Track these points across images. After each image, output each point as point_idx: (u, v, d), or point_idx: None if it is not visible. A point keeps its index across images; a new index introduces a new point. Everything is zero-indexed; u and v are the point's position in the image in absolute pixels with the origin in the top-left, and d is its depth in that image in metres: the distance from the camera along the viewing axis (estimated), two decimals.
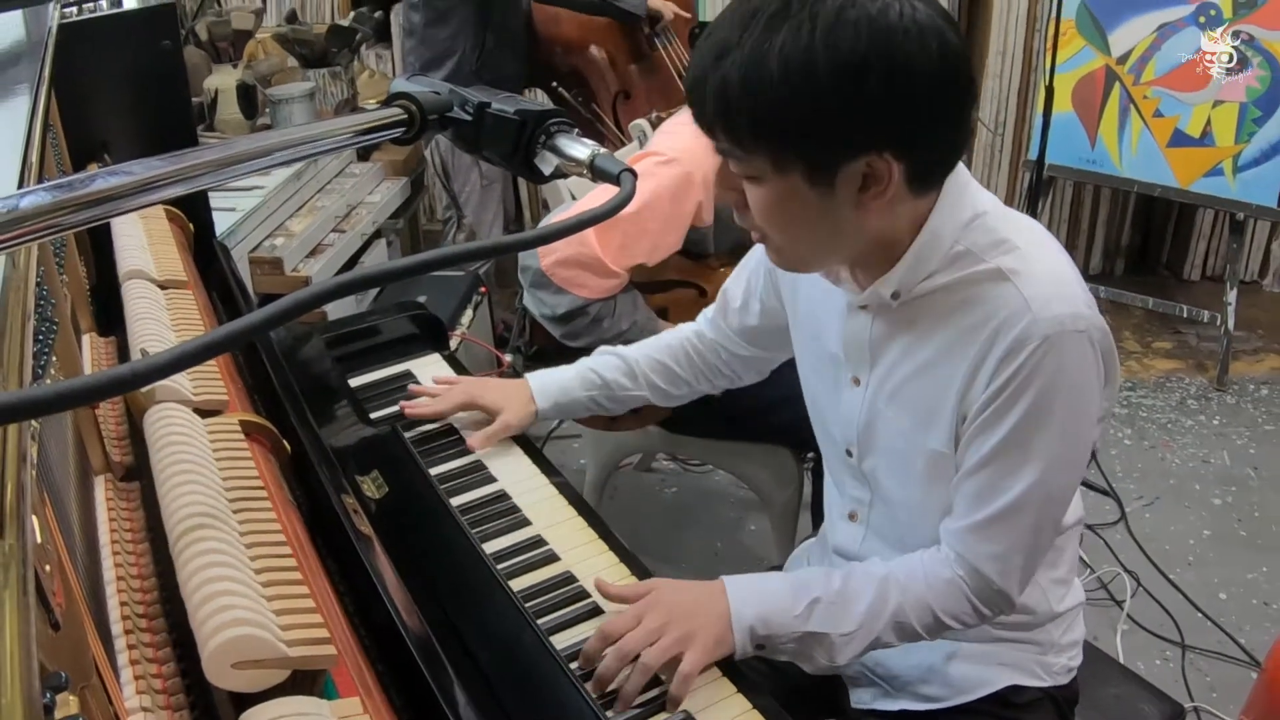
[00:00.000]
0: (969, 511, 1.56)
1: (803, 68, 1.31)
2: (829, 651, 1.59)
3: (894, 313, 1.57)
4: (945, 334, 1.52)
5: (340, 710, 0.93)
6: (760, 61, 1.32)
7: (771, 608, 1.58)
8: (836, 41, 1.30)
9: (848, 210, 1.43)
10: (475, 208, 4.50)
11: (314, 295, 0.84)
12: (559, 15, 4.28)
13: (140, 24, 2.16)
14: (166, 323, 1.49)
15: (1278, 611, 3.36)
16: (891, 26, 1.31)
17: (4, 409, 0.67)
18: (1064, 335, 1.43)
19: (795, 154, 1.39)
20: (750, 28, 1.34)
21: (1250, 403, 4.59)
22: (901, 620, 1.59)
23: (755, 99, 1.34)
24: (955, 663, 1.78)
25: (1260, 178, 4.45)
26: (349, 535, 1.32)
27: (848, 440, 1.74)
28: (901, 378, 1.60)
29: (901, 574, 1.61)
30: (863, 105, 1.34)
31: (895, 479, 1.69)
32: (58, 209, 0.79)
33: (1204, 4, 4.42)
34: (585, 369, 2.07)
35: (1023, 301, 1.44)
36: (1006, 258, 1.48)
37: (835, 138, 1.37)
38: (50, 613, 0.77)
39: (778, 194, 1.44)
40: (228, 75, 4.51)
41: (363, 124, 1.14)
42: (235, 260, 2.40)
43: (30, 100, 1.43)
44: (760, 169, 1.42)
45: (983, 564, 1.55)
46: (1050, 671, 1.80)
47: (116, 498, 1.23)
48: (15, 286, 0.94)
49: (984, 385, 1.48)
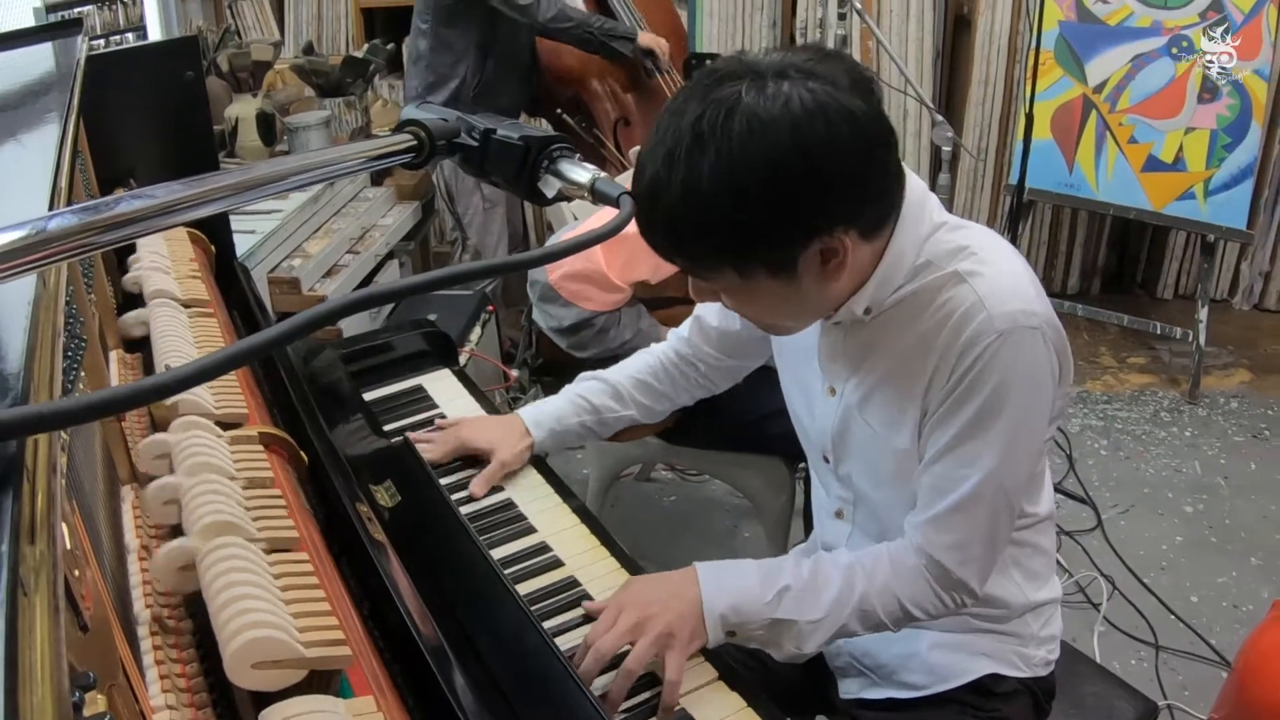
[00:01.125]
0: (928, 504, 1.58)
1: (733, 185, 1.34)
2: (796, 639, 1.60)
3: (866, 326, 1.59)
4: (909, 338, 1.55)
5: (355, 709, 0.93)
6: (695, 192, 1.35)
7: (742, 596, 1.59)
8: (753, 153, 1.33)
9: (815, 285, 1.47)
10: (479, 229, 4.52)
11: (329, 310, 0.84)
12: (560, 48, 4.30)
13: (164, 56, 2.16)
14: (189, 339, 1.49)
15: (1247, 614, 3.36)
16: (796, 121, 1.33)
17: (36, 420, 0.67)
18: (1018, 330, 1.46)
19: (754, 260, 1.42)
20: (674, 164, 1.36)
21: (1221, 415, 4.59)
22: (867, 608, 1.59)
23: (701, 226, 1.38)
24: (937, 651, 1.78)
25: (1230, 201, 4.46)
26: (363, 542, 1.32)
27: (824, 447, 1.76)
28: (871, 384, 1.62)
29: (868, 563, 1.62)
30: (798, 199, 1.37)
31: (869, 482, 1.71)
32: (85, 230, 0.79)
33: (1176, 36, 4.43)
34: (574, 396, 2.07)
35: (977, 299, 1.47)
36: (965, 263, 1.51)
37: (785, 236, 1.40)
38: (79, 615, 0.77)
39: (748, 294, 1.49)
40: (248, 104, 4.52)
41: (375, 150, 1.14)
42: (255, 280, 2.39)
43: (60, 128, 1.43)
44: (726, 280, 1.47)
45: (942, 554, 1.57)
46: (1029, 663, 1.80)
47: (142, 506, 1.23)
48: (46, 305, 0.94)
49: (944, 380, 1.51)
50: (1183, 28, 4.42)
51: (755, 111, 1.33)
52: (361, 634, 1.12)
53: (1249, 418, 4.57)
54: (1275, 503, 3.97)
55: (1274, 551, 3.69)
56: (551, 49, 4.34)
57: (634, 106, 4.42)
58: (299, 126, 4.46)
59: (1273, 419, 4.56)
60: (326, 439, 1.54)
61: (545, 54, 4.40)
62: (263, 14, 5.67)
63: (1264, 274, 5.51)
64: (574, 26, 4.09)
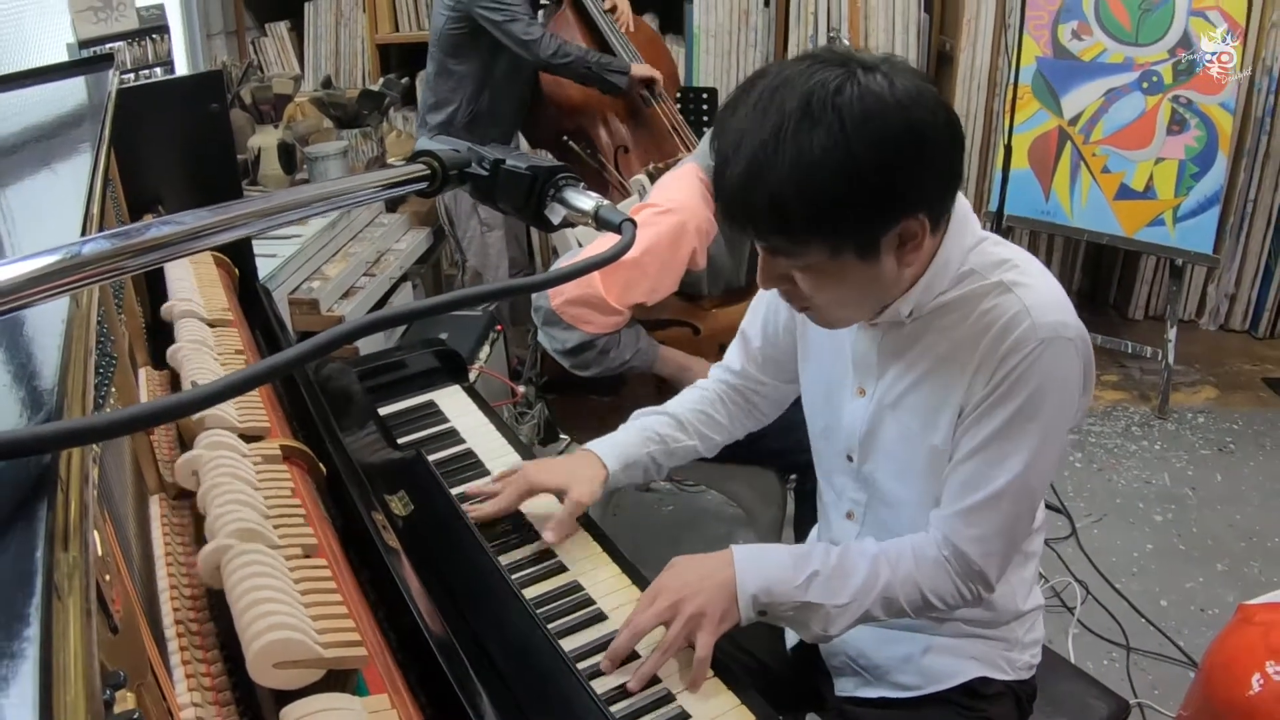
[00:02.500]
0: (958, 498, 1.58)
1: (845, 161, 1.34)
2: (824, 621, 1.61)
3: (903, 329, 1.60)
4: (950, 342, 1.56)
5: (370, 706, 0.93)
6: (808, 165, 1.34)
7: (774, 578, 1.60)
8: (866, 130, 1.34)
9: (891, 268, 1.47)
10: (477, 251, 4.57)
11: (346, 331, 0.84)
12: (563, 81, 4.32)
13: (191, 89, 2.17)
14: (215, 357, 1.49)
15: (1213, 617, 3.36)
16: (903, 103, 1.36)
17: (71, 434, 0.67)
18: (1058, 340, 1.48)
19: (848, 238, 1.42)
20: (782, 141, 1.35)
21: (1188, 430, 4.59)
22: (890, 596, 1.60)
23: (810, 200, 1.36)
24: (930, 655, 1.79)
25: (1197, 227, 4.47)
26: (378, 548, 1.32)
27: (849, 447, 1.75)
28: (906, 385, 1.62)
29: (892, 553, 1.62)
30: (900, 179, 1.38)
31: (895, 478, 1.70)
32: (117, 255, 0.79)
33: (1147, 71, 4.45)
34: (641, 428, 1.98)
35: (1023, 308, 1.49)
36: (1009, 274, 1.53)
37: (882, 214, 1.40)
38: (110, 618, 0.77)
39: (833, 274, 1.47)
40: (269, 135, 4.52)
41: (390, 179, 1.14)
42: (276, 301, 2.40)
43: (92, 158, 1.43)
44: (816, 259, 1.45)
45: (967, 545, 1.57)
46: (1014, 667, 1.81)
47: (169, 515, 1.23)
48: (78, 324, 0.94)
49: (984, 381, 1.52)
50: (1153, 64, 4.44)
51: (866, 92, 1.35)
52: (377, 635, 1.12)
53: (1215, 432, 4.58)
54: (1240, 512, 3.98)
55: (1239, 558, 3.69)
56: (555, 81, 4.37)
57: (632, 134, 4.43)
58: (318, 156, 4.47)
59: (1237, 433, 4.56)
60: (344, 451, 1.54)
61: (549, 86, 4.42)
62: (284, 50, 5.68)
63: (1229, 296, 5.51)
64: (572, 61, 4.12)
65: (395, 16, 5.58)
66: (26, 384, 0.85)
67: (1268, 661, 2.18)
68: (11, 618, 0.58)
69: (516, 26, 4.04)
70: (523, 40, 4.04)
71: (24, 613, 0.58)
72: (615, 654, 1.53)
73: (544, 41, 4.05)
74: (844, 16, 5.17)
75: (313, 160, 4.48)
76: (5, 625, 0.57)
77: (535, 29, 4.06)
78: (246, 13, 5.60)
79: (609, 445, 1.93)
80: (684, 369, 2.80)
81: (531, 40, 4.04)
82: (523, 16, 4.05)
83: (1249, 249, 5.38)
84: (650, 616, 1.55)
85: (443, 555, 1.71)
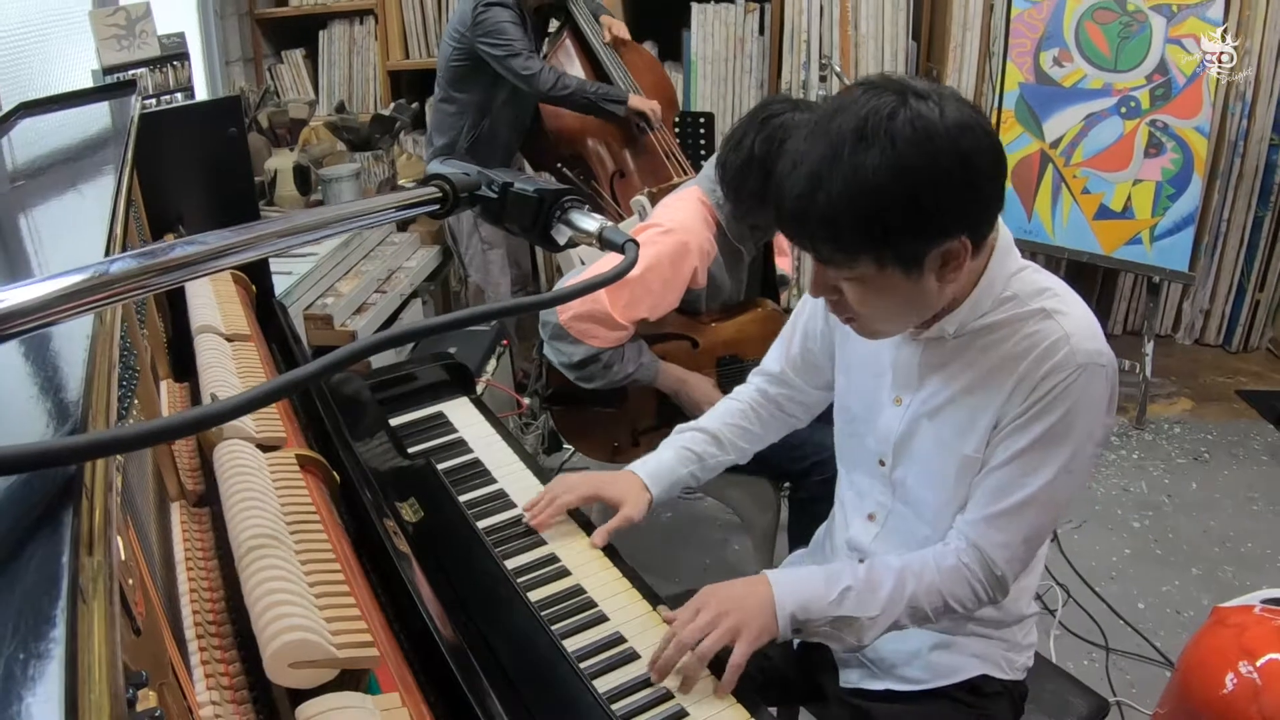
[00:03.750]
0: (987, 504, 1.61)
1: (896, 180, 1.37)
2: (857, 632, 1.63)
3: (945, 345, 1.63)
4: (991, 360, 1.58)
5: (382, 704, 0.93)
6: (860, 182, 1.37)
7: (809, 595, 1.62)
8: (917, 152, 1.37)
9: (933, 286, 1.50)
10: (479, 268, 4.61)
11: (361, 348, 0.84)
12: (561, 110, 4.34)
13: (210, 114, 2.17)
14: (233, 370, 1.49)
15: (1189, 619, 3.36)
16: (952, 128, 1.38)
17: (96, 446, 0.67)
18: (1093, 367, 1.51)
19: (894, 252, 1.44)
20: (837, 157, 1.39)
21: (1165, 440, 4.59)
22: (916, 604, 1.62)
23: (861, 214, 1.39)
24: (938, 651, 1.81)
25: (1174, 246, 4.47)
26: (390, 553, 1.32)
27: (882, 452, 1.77)
28: (945, 398, 1.65)
29: (915, 565, 1.64)
30: (946, 201, 1.40)
31: (925, 483, 1.71)
32: (144, 273, 0.80)
33: (1125, 97, 4.46)
34: (680, 448, 2.01)
35: (1064, 334, 1.53)
36: (1049, 301, 1.57)
37: (927, 232, 1.43)
38: (133, 620, 0.77)
39: (878, 287, 1.50)
40: (285, 158, 4.53)
41: (404, 200, 1.14)
42: (292, 317, 2.40)
43: (115, 180, 1.43)
44: (863, 271, 1.47)
45: (992, 550, 1.60)
46: (1013, 667, 1.83)
47: (189, 521, 1.23)
48: (102, 339, 0.95)
49: (1022, 399, 1.55)
50: (1131, 89, 4.44)
51: (917, 117, 1.38)
52: (388, 636, 1.13)
53: (1190, 442, 4.57)
54: (1214, 519, 3.97)
55: (1213, 563, 3.69)
56: (554, 111, 4.39)
57: (629, 161, 4.44)
58: (332, 178, 4.47)
59: (1212, 443, 4.56)
60: (356, 460, 1.55)
61: (548, 115, 4.44)
62: (299, 76, 5.68)
63: (1204, 312, 5.52)
64: (571, 93, 4.14)
65: (405, 44, 5.60)
66: (53, 396, 0.85)
67: (1240, 661, 2.18)
68: (39, 620, 0.58)
69: (516, 62, 4.07)
70: (522, 75, 4.09)
71: (51, 615, 0.58)
72: (665, 665, 1.54)
73: (542, 75, 4.09)
74: (835, 44, 5.18)
75: (327, 182, 4.48)
76: (33, 627, 0.57)
77: (534, 63, 4.09)
78: (263, 41, 5.61)
79: (653, 470, 1.97)
80: (683, 383, 2.81)
81: (530, 75, 4.08)
82: (522, 51, 4.08)
83: (1223, 266, 5.39)
84: (695, 629, 1.56)
85: (451, 560, 1.71)
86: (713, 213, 2.70)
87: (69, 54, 4.03)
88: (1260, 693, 2.12)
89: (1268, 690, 2.12)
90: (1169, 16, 4.34)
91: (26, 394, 0.86)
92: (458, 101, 4.35)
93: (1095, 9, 4.49)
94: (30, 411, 0.82)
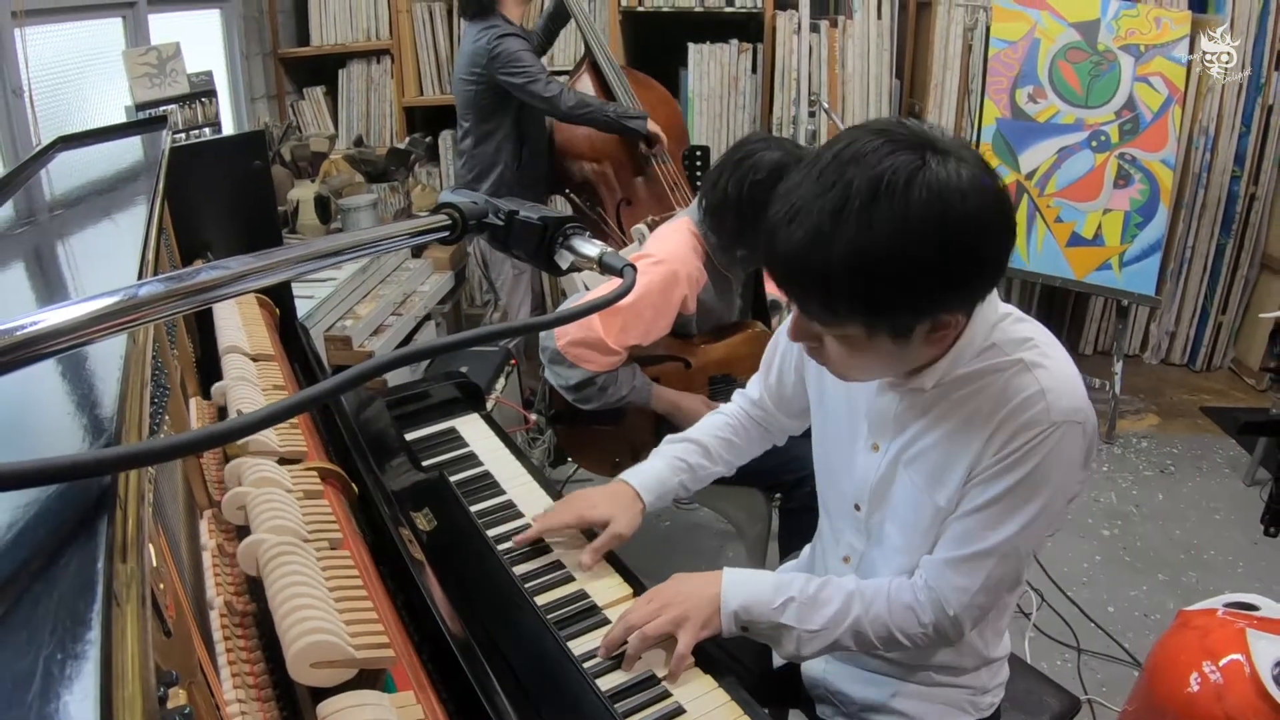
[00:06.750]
0: (951, 548, 1.53)
1: (903, 257, 1.26)
2: (795, 643, 1.61)
3: (923, 394, 1.53)
4: (967, 410, 1.49)
5: (397, 702, 0.93)
6: (864, 252, 1.26)
7: (754, 598, 1.61)
8: (930, 229, 1.25)
9: (919, 347, 1.42)
10: (509, 293, 4.58)
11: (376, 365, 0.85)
12: (575, 133, 4.35)
13: (236, 148, 2.18)
14: (258, 387, 1.49)
15: (1155, 621, 3.37)
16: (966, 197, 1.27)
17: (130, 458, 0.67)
18: (1068, 424, 1.42)
19: (887, 323, 1.36)
20: (844, 220, 1.26)
21: (1133, 453, 4.60)
22: (860, 630, 1.58)
23: (859, 285, 1.28)
24: (899, 699, 1.76)
25: (1141, 271, 4.50)
26: (405, 560, 1.32)
27: (858, 497, 1.69)
28: (921, 447, 1.55)
29: (869, 592, 1.60)
30: (951, 280, 1.32)
31: (899, 530, 1.63)
32: (170, 296, 0.80)
33: (1096, 131, 4.47)
34: (672, 458, 1.95)
35: (1040, 389, 1.43)
36: (1029, 353, 1.47)
37: (924, 308, 1.34)
38: (164, 622, 0.77)
39: (862, 348, 1.41)
40: (307, 189, 4.54)
41: (416, 228, 1.14)
42: (313, 338, 2.40)
43: (147, 209, 1.44)
44: (848, 331, 1.38)
45: (949, 593, 1.54)
46: (978, 709, 1.78)
47: (217, 529, 1.23)
48: (135, 359, 0.95)
49: (994, 451, 1.45)
50: (1101, 124, 4.47)
51: (934, 181, 1.25)
52: (403, 638, 1.12)
53: (1157, 455, 4.59)
54: (1179, 528, 3.99)
55: (1178, 569, 3.70)
56: (567, 134, 4.39)
57: (636, 189, 4.45)
58: (350, 207, 4.48)
59: (1177, 456, 4.58)
60: (374, 472, 1.54)
61: (560, 138, 4.45)
62: (320, 112, 5.70)
63: (1170, 333, 5.53)
64: (593, 111, 4.15)
65: (420, 82, 5.61)
66: (89, 412, 0.85)
67: (1204, 662, 2.18)
68: (75, 623, 0.58)
69: (537, 86, 4.07)
70: (545, 98, 4.09)
71: (86, 618, 0.59)
72: (610, 644, 1.56)
73: (564, 96, 4.10)
74: (823, 82, 5.19)
75: (346, 211, 4.49)
76: (70, 629, 0.57)
77: (554, 86, 4.10)
78: (286, 79, 5.63)
79: (644, 478, 1.92)
80: (675, 405, 2.82)
81: (553, 96, 4.08)
82: (541, 76, 4.09)
83: (1187, 291, 5.43)
84: (643, 614, 1.57)
85: (463, 566, 1.71)
86: (702, 241, 2.71)
87: (104, 91, 4.04)
88: (1223, 691, 2.12)
89: (1229, 689, 2.12)
90: (1137, 56, 4.37)
91: (65, 409, 0.86)
92: (494, 137, 4.30)
93: (1068, 49, 4.51)
94: (68, 426, 0.82)
